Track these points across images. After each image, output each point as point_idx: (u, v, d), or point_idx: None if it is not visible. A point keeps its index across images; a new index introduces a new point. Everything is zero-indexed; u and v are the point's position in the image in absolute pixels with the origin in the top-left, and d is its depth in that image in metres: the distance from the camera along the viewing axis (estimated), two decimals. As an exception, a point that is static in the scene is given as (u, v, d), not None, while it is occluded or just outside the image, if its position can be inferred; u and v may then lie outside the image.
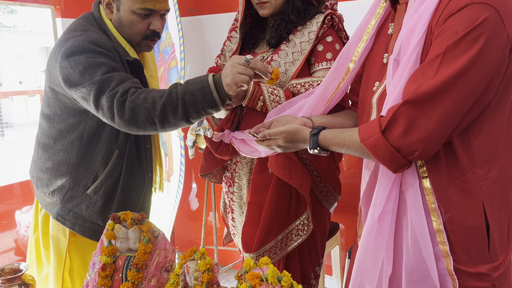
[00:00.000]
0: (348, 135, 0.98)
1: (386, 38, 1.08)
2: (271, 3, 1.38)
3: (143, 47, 1.39)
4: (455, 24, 0.83)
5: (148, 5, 1.29)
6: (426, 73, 0.86)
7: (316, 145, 1.04)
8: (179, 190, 2.51)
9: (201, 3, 2.67)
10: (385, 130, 0.89)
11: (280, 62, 1.37)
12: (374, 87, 1.08)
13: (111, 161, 1.35)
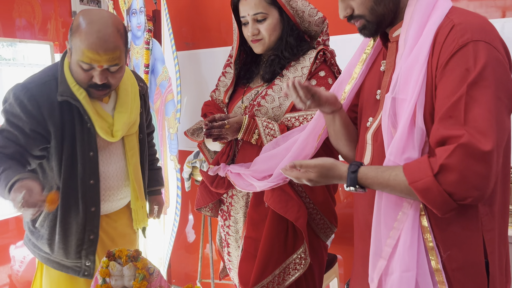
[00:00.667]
0: (392, 174, 0.92)
1: (378, 74, 1.10)
2: (264, 40, 1.42)
3: (91, 93, 1.42)
4: (462, 63, 0.86)
5: (86, 60, 1.31)
6: (454, 116, 0.85)
7: (354, 183, 0.98)
8: (175, 223, 2.49)
9: (197, 37, 2.73)
10: (438, 173, 0.85)
11: (274, 97, 1.39)
12: (368, 122, 1.09)
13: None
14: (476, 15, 0.94)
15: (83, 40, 1.29)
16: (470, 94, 0.84)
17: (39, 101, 1.36)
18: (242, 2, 1.41)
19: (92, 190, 1.47)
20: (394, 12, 1.01)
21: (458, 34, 0.88)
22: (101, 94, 1.43)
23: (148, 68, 2.47)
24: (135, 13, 2.49)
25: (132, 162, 1.57)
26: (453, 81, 0.86)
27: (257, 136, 1.35)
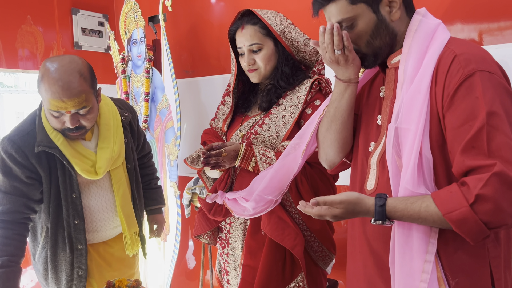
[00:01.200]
0: (423, 206, 0.90)
1: (378, 100, 1.12)
2: (260, 70, 1.46)
3: (68, 135, 1.46)
4: (471, 92, 0.87)
5: (52, 107, 1.36)
6: (477, 146, 0.86)
7: (383, 217, 0.94)
8: (176, 250, 2.49)
9: (196, 65, 2.78)
10: (474, 203, 0.84)
11: (271, 125, 1.42)
12: (370, 147, 1.10)
13: (43, 235, 1.54)
14: (475, 46, 0.97)
15: (47, 90, 1.34)
16: (490, 124, 0.85)
17: (25, 151, 1.43)
18: (238, 34, 1.46)
19: (77, 230, 1.53)
20: (391, 45, 1.04)
21: (463, 64, 0.90)
22: (77, 136, 1.47)
23: (148, 96, 2.52)
24: (136, 43, 2.55)
25: (119, 194, 1.60)
26: (464, 110, 0.88)
27: (254, 163, 1.38)
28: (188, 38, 2.82)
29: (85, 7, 3.02)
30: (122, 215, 1.61)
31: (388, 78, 1.09)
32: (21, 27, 2.85)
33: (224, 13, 2.62)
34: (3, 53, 2.77)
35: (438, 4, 1.79)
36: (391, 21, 1.02)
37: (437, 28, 1.00)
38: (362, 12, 1.00)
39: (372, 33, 1.02)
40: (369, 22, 1.01)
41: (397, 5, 1.00)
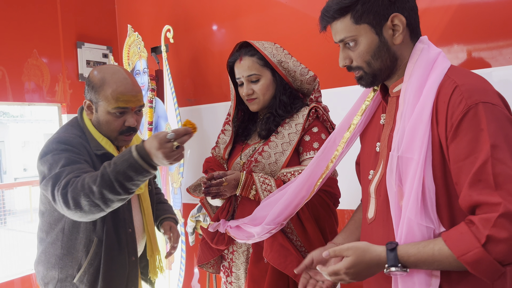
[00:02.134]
0: (436, 249, 0.89)
1: (378, 127, 1.13)
2: (259, 99, 1.49)
3: (120, 141, 1.50)
4: (475, 124, 0.88)
5: (121, 104, 1.41)
6: (483, 180, 0.86)
7: (396, 262, 0.92)
8: (181, 278, 2.48)
9: (199, 94, 2.84)
10: (486, 244, 0.83)
11: (271, 153, 1.45)
12: (369, 175, 1.11)
13: (92, 249, 1.40)
14: (475, 76, 0.97)
15: (116, 88, 1.41)
16: (495, 156, 0.85)
17: (78, 147, 1.39)
18: (237, 65, 1.50)
19: (131, 238, 1.49)
20: (391, 68, 1.05)
21: (465, 95, 0.90)
22: (128, 140, 1.51)
23: (152, 125, 2.56)
24: (139, 73, 2.61)
25: (147, 214, 1.61)
26: (469, 143, 0.88)
27: (254, 191, 1.39)
28: (190, 67, 2.88)
29: (89, 40, 3.11)
30: (150, 235, 1.60)
31: (389, 106, 1.10)
32: (27, 61, 2.93)
33: (225, 42, 2.68)
34: (9, 87, 2.83)
35: (435, 25, 1.83)
36: (393, 45, 1.02)
37: (437, 57, 1.01)
38: (365, 32, 1.02)
39: (373, 54, 1.03)
40: (371, 43, 1.02)
41: (400, 29, 1.01)
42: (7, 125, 14.89)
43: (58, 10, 3.01)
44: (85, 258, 1.41)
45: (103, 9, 3.26)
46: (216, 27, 2.70)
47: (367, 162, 1.15)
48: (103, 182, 1.22)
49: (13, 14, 2.78)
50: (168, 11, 2.96)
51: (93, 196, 1.22)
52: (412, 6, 1.04)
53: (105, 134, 1.47)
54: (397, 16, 1.00)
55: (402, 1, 1.01)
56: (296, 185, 1.28)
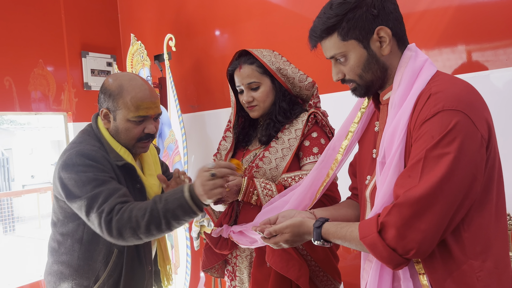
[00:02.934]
0: (349, 230, 1.01)
1: (373, 134, 1.16)
2: (259, 106, 1.52)
3: (137, 149, 1.47)
4: (430, 130, 0.91)
5: (141, 112, 1.40)
6: (411, 176, 0.91)
7: (319, 237, 1.07)
8: (186, 282, 2.52)
9: (201, 100, 2.88)
10: (381, 230, 0.93)
11: (271, 158, 1.48)
12: (366, 180, 1.14)
13: (111, 260, 1.39)
14: (456, 83, 0.97)
15: (135, 95, 1.38)
16: (427, 159, 0.89)
17: (102, 162, 1.36)
18: (236, 73, 1.54)
19: (148, 249, 1.50)
20: (382, 78, 1.08)
21: (432, 103, 0.92)
22: (146, 147, 1.48)
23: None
24: (142, 81, 2.65)
25: None
26: (418, 147, 0.92)
27: (256, 197, 1.42)
28: (193, 74, 2.93)
29: (94, 49, 3.17)
30: (161, 245, 1.62)
31: (381, 114, 1.13)
32: (33, 71, 2.99)
33: (227, 48, 2.72)
34: (16, 97, 2.89)
35: (434, 26, 1.85)
36: (382, 56, 1.05)
37: (423, 64, 1.03)
38: (353, 48, 1.05)
39: (363, 67, 1.06)
40: (360, 57, 1.05)
41: (387, 40, 1.03)
42: (14, 132, 15.04)
43: (62, 20, 3.07)
44: (104, 269, 1.39)
45: (107, 19, 3.32)
46: (218, 33, 2.74)
47: (364, 167, 1.18)
48: (151, 218, 1.23)
49: (18, 26, 2.84)
50: (170, 19, 3.00)
51: (139, 230, 1.24)
52: (396, 17, 1.06)
53: (123, 142, 1.45)
54: (382, 29, 1.03)
55: (385, 14, 1.04)
56: (299, 193, 1.31)
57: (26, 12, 2.89)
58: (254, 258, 1.47)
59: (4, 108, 2.80)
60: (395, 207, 0.91)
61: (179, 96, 2.74)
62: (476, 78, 1.72)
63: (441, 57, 1.86)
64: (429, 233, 0.88)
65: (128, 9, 3.33)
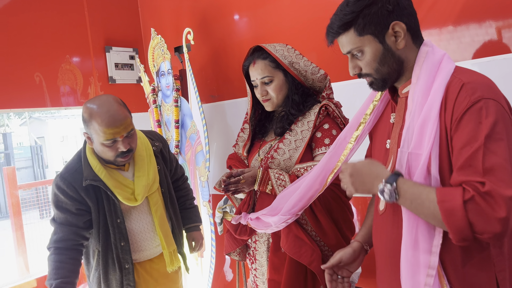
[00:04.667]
0: (426, 191, 0.97)
1: (388, 126, 1.21)
2: (273, 100, 1.59)
3: (119, 163, 1.69)
4: (475, 117, 0.94)
5: (109, 137, 1.57)
6: (473, 165, 0.92)
7: (393, 180, 1.01)
8: (212, 265, 2.65)
9: (221, 90, 2.96)
10: (468, 201, 0.90)
11: (285, 149, 1.55)
12: None
13: (95, 258, 1.74)
14: (480, 75, 1.04)
15: (101, 123, 1.55)
16: (487, 146, 0.92)
17: (75, 186, 1.65)
18: (251, 68, 1.61)
19: (124, 251, 1.73)
20: (398, 71, 1.12)
21: (470, 91, 0.97)
22: (126, 159, 1.68)
23: (178, 123, 2.71)
24: (164, 74, 2.75)
25: (157, 216, 1.79)
26: (468, 134, 0.94)
27: (270, 187, 1.51)
28: (212, 64, 3.00)
29: (116, 43, 3.28)
30: (161, 234, 1.80)
31: (399, 106, 1.17)
32: (61, 66, 3.13)
33: (244, 38, 2.77)
34: (47, 91, 3.04)
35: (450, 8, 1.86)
36: (397, 50, 1.09)
37: (442, 58, 1.08)
38: (369, 42, 1.09)
39: (379, 61, 1.10)
40: (376, 52, 1.10)
41: (401, 35, 1.08)
42: (46, 121, 15.57)
43: (86, 17, 3.19)
44: (93, 264, 1.76)
45: (128, 13, 3.42)
46: (236, 21, 2.80)
47: (377, 158, 1.23)
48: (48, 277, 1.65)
49: (45, 24, 2.97)
50: (188, 11, 3.07)
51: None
52: (410, 12, 1.10)
53: (105, 159, 1.68)
54: (397, 24, 1.07)
55: (399, 9, 1.08)
56: (309, 178, 1.38)
57: (52, 11, 3.02)
58: (271, 244, 1.56)
59: (37, 104, 2.96)
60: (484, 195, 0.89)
61: (200, 87, 2.82)
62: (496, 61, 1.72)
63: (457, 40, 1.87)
64: (508, 222, 0.88)
65: (147, 4, 3.42)
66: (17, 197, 4.42)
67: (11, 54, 2.80)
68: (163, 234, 1.80)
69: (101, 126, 1.55)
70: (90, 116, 1.57)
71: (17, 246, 4.32)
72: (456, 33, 1.84)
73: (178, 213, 1.96)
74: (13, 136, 13.43)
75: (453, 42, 1.87)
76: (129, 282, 1.74)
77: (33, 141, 14.56)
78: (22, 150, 14.33)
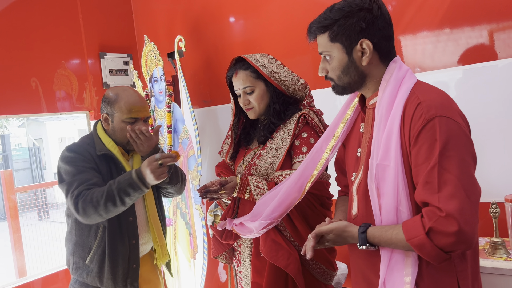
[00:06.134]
0: (394, 233, 1.07)
1: (358, 135, 1.28)
2: (255, 109, 1.66)
3: (129, 146, 1.78)
4: (430, 135, 1.02)
5: (133, 114, 1.74)
6: (430, 182, 1.01)
7: (365, 242, 1.13)
8: (204, 267, 2.71)
9: (213, 95, 3.02)
10: (429, 233, 1.00)
11: (266, 157, 1.61)
12: (352, 177, 1.27)
13: (99, 234, 1.71)
14: (438, 92, 1.11)
15: (127, 101, 1.73)
16: (441, 164, 1.00)
17: (89, 152, 1.72)
18: (233, 78, 1.67)
19: (132, 226, 1.77)
20: (360, 83, 1.20)
21: (425, 109, 1.04)
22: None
23: (171, 128, 2.77)
24: (157, 80, 2.81)
25: (151, 208, 1.87)
26: (425, 151, 1.02)
27: (248, 195, 1.56)
28: (205, 70, 3.06)
29: (111, 49, 3.34)
30: (154, 227, 1.86)
31: (367, 117, 1.25)
32: (57, 71, 3.19)
33: (236, 43, 2.83)
34: (43, 96, 3.10)
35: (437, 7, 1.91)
36: (361, 65, 1.17)
37: (405, 74, 1.15)
38: (337, 50, 1.17)
39: (343, 70, 1.18)
40: (341, 61, 1.18)
41: (367, 52, 1.15)
42: (44, 123, 15.61)
43: (81, 24, 3.25)
44: (94, 242, 1.71)
45: (122, 20, 3.48)
46: (228, 27, 2.86)
47: (350, 165, 1.31)
48: (108, 197, 1.57)
49: (41, 30, 3.03)
50: (182, 15, 3.13)
51: (99, 208, 1.57)
52: (384, 35, 1.16)
53: (119, 140, 1.77)
54: (365, 41, 1.14)
55: (373, 29, 1.15)
56: (288, 185, 1.44)
57: (47, 17, 3.08)
58: (253, 248, 1.62)
59: (33, 110, 3.02)
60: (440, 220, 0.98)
61: (193, 92, 2.87)
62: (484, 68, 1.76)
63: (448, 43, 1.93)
64: (469, 232, 0.97)
65: (141, 9, 3.48)
66: (14, 201, 4.48)
67: (8, 60, 2.86)
68: (155, 227, 1.86)
69: (127, 103, 1.72)
70: (116, 95, 1.74)
71: (15, 249, 4.39)
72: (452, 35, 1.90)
73: (164, 215, 2.02)
74: (11, 137, 13.48)
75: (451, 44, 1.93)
76: (135, 258, 1.76)
77: (31, 142, 14.61)
78: (21, 151, 14.38)
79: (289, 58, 2.40)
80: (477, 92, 1.80)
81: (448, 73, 1.89)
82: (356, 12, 1.14)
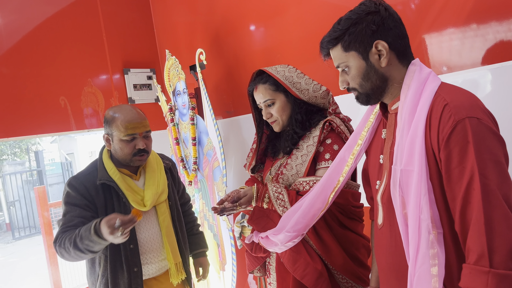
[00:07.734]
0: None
1: (380, 141, 1.26)
2: (278, 121, 1.65)
3: (135, 162, 1.81)
4: (462, 137, 0.98)
5: (130, 131, 1.74)
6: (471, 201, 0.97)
7: None
8: (234, 278, 2.70)
9: (236, 105, 3.02)
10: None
11: (293, 165, 1.60)
12: (376, 185, 1.24)
13: (102, 263, 1.78)
14: (464, 92, 1.07)
15: (123, 120, 1.73)
16: (481, 172, 0.96)
17: (86, 185, 1.76)
18: (254, 93, 1.68)
19: (133, 253, 1.79)
20: (382, 88, 1.17)
21: (453, 111, 1.00)
22: (142, 159, 1.80)
23: (195, 141, 2.79)
24: (180, 94, 2.84)
25: (164, 226, 1.87)
26: (457, 154, 0.99)
27: (266, 204, 1.55)
28: (227, 80, 3.07)
29: (134, 65, 3.41)
30: (168, 245, 1.87)
31: (389, 122, 1.22)
32: (83, 89, 3.28)
33: (257, 52, 2.83)
34: (71, 115, 3.19)
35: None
36: (380, 67, 1.14)
37: (428, 76, 1.12)
38: (353, 59, 1.16)
39: (363, 77, 1.16)
40: (359, 68, 1.16)
41: (384, 53, 1.13)
42: (74, 138, 16.06)
43: (104, 42, 3.33)
44: (99, 270, 1.78)
45: (144, 36, 3.55)
46: (249, 35, 2.87)
47: (373, 173, 1.28)
48: (75, 246, 1.62)
49: (68, 51, 3.13)
50: (202, 28, 3.17)
51: (71, 253, 1.65)
52: (396, 33, 1.14)
53: (121, 159, 1.80)
54: (379, 43, 1.13)
55: (384, 30, 1.13)
56: (311, 197, 1.43)
57: (73, 38, 3.17)
58: (277, 257, 1.61)
59: (63, 128, 3.11)
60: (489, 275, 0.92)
61: (215, 103, 2.89)
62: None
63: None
64: None
65: (162, 24, 3.54)
66: (47, 217, 4.60)
67: (38, 80, 2.97)
68: (169, 245, 1.87)
69: (123, 121, 1.73)
70: (113, 114, 1.76)
71: (50, 264, 4.50)
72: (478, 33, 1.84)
73: (184, 230, 2.03)
74: (45, 153, 13.90)
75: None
76: (137, 286, 1.78)
77: (64, 157, 15.04)
78: (54, 166, 14.83)
79: (309, 63, 2.38)
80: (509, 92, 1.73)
81: (478, 72, 1.83)
82: (364, 17, 1.13)
